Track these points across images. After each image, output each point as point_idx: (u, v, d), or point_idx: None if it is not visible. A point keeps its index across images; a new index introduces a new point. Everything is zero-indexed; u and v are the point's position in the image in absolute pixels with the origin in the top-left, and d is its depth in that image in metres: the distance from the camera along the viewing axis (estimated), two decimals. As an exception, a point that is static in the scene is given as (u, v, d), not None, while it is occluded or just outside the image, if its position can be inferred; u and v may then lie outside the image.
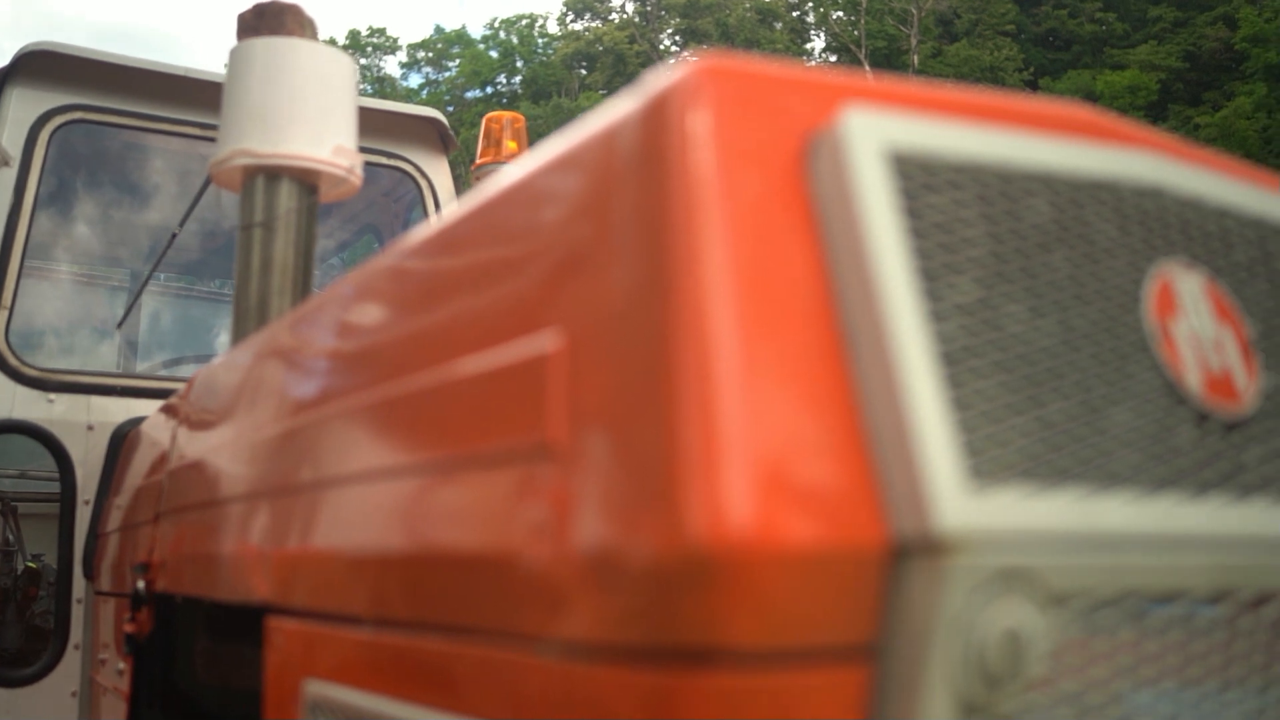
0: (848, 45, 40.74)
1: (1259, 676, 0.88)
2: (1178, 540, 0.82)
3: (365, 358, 1.29)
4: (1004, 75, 39.39)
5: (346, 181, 2.34)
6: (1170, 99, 36.52)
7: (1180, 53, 37.75)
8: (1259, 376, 0.93)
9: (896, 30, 40.35)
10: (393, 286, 1.27)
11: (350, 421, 1.25)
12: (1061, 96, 28.65)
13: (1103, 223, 0.91)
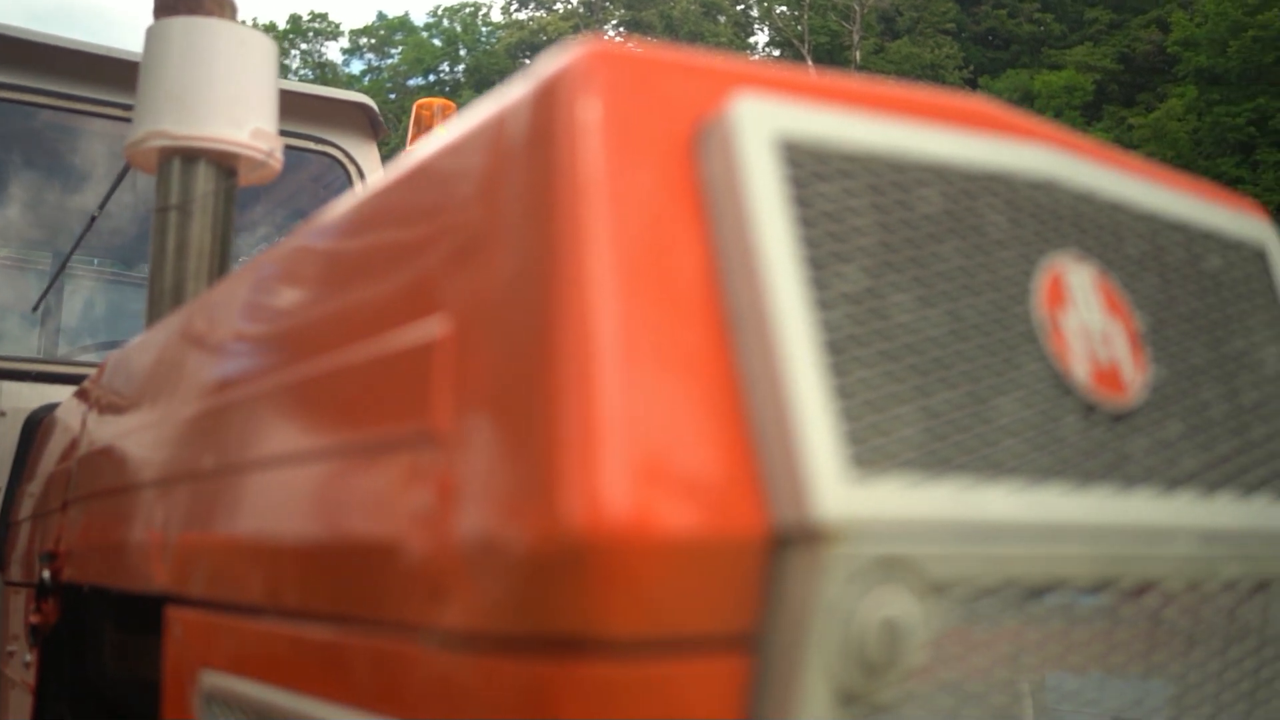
0: (791, 40, 40.92)
1: (1140, 665, 0.89)
2: (1061, 530, 0.83)
3: (265, 343, 1.27)
4: (944, 73, 39.80)
5: (266, 165, 2.30)
6: (1105, 99, 37.11)
7: (1115, 54, 38.37)
8: (1147, 369, 0.94)
9: (839, 26, 40.59)
10: (294, 272, 1.25)
11: (248, 408, 1.22)
12: (1000, 95, 29.05)
13: (995, 214, 0.91)
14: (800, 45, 39.85)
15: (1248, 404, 1.01)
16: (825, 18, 40.75)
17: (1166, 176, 1.08)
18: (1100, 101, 36.84)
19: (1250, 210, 1.14)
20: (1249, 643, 0.96)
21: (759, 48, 45.04)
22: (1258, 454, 0.99)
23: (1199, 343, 1.00)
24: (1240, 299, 1.06)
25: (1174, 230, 1.03)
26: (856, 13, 39.12)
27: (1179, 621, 0.91)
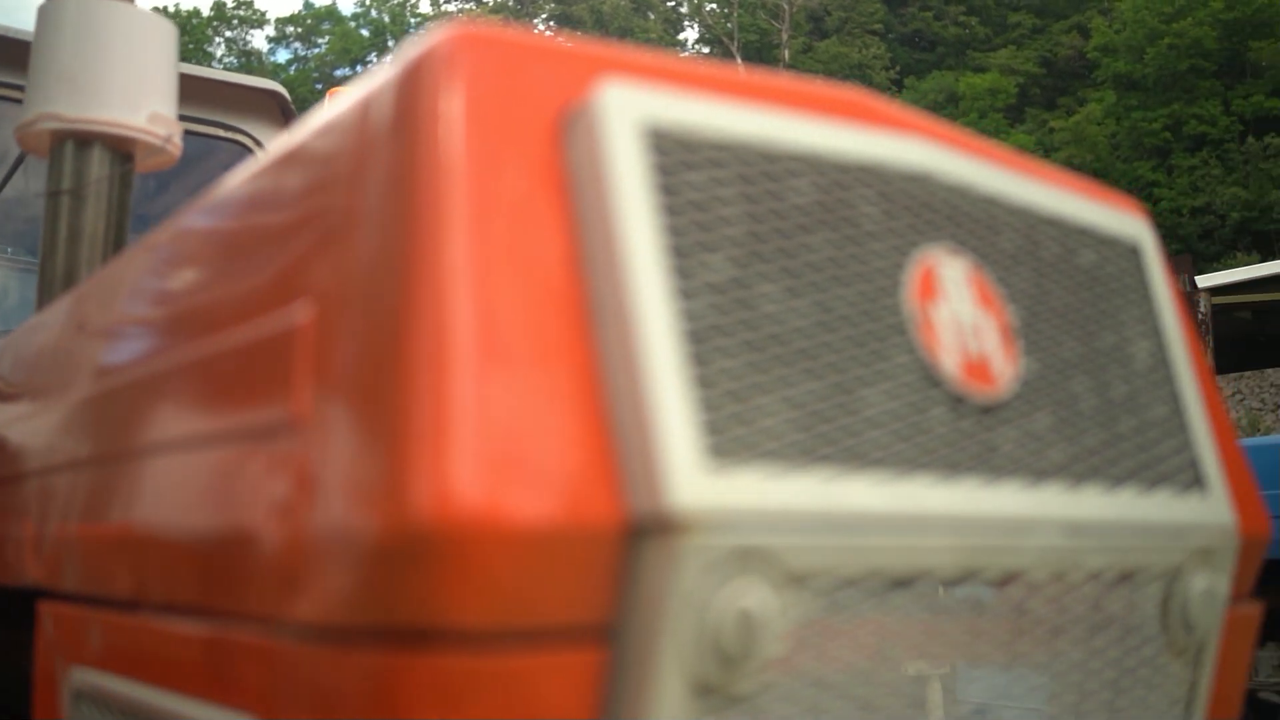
0: (720, 38, 41.06)
1: (1003, 655, 0.89)
2: (925, 521, 0.83)
3: (141, 330, 1.24)
4: (871, 73, 40.18)
5: (164, 151, 2.25)
6: (1028, 102, 37.75)
7: (1037, 58, 39.04)
8: (1018, 362, 0.95)
9: (768, 25, 40.81)
10: (172, 257, 1.22)
11: (122, 396, 1.19)
12: (926, 96, 29.33)
13: (868, 206, 0.91)
14: (730, 43, 40.01)
15: (1117, 397, 1.03)
16: (755, 16, 40.96)
17: (1044, 172, 1.09)
18: (1023, 104, 37.46)
19: (1127, 207, 1.15)
20: (1112, 632, 0.97)
21: (689, 44, 45.15)
22: (1125, 447, 1.01)
23: (1071, 337, 1.01)
24: (1113, 294, 1.07)
25: (1049, 225, 1.04)
26: (785, 11, 39.36)
27: (1044, 612, 0.92)
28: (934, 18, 42.44)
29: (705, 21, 42.31)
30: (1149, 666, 1.01)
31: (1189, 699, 1.04)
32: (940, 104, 37.02)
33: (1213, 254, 29.42)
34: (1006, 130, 35.33)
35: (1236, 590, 1.07)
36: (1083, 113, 34.14)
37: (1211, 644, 1.05)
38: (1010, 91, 36.69)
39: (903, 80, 39.81)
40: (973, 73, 37.42)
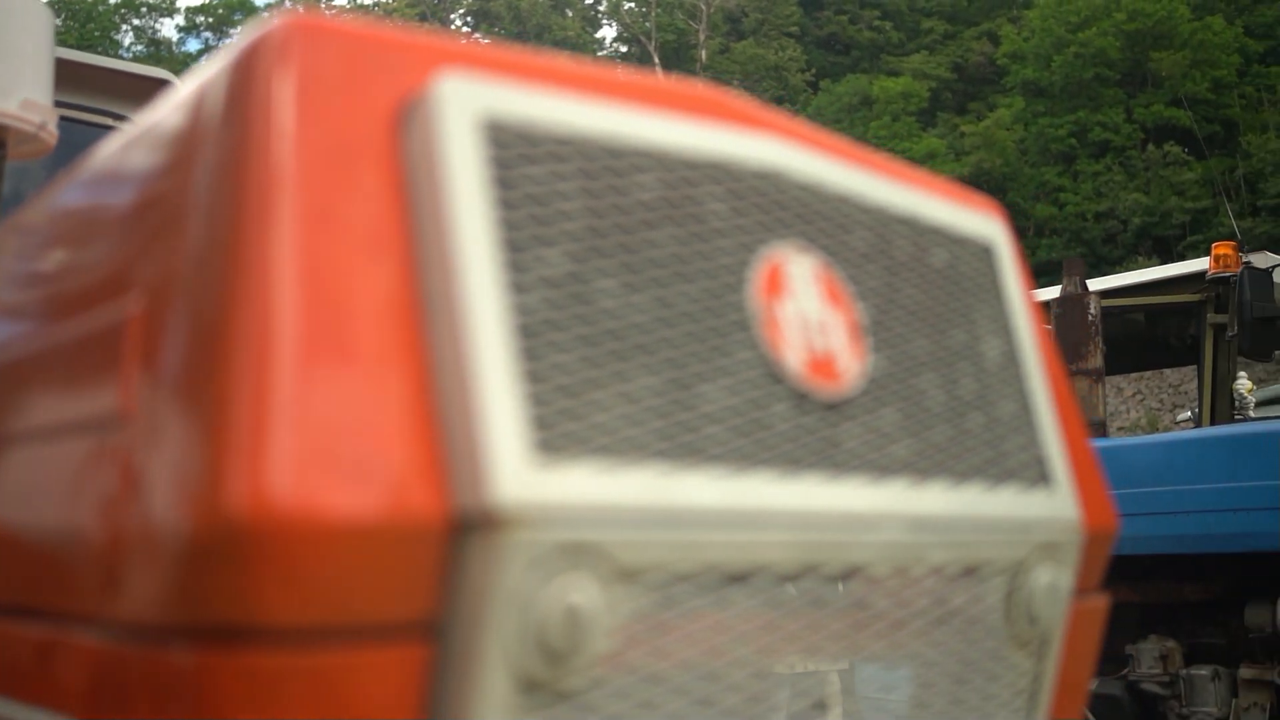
0: (638, 37, 41.11)
1: (843, 649, 0.90)
2: (763, 516, 0.83)
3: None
4: (788, 75, 40.53)
5: (37, 139, 2.18)
6: (939, 107, 38.34)
7: (949, 64, 39.67)
8: (865, 359, 0.96)
9: (686, 25, 40.95)
10: (22, 247, 1.18)
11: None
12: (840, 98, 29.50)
13: (716, 203, 0.91)
14: (647, 42, 40.07)
15: (966, 395, 1.04)
16: (672, 16, 41.06)
17: (901, 172, 1.10)
18: (934, 108, 38.04)
19: (984, 208, 1.17)
20: (956, 625, 0.98)
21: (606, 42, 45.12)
22: (972, 443, 1.02)
23: (920, 335, 1.02)
24: (965, 293, 1.09)
25: (902, 224, 1.05)
26: (703, 12, 39.54)
27: (885, 606, 0.93)
28: (849, 22, 42.93)
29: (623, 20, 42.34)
30: (993, 658, 1.03)
31: (1032, 690, 1.06)
32: (854, 106, 37.45)
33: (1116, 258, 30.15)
34: (918, 134, 35.86)
35: (1082, 584, 1.10)
36: (992, 118, 34.76)
37: (1056, 636, 1.07)
38: (922, 96, 37.23)
39: (818, 82, 40.20)
40: (886, 76, 37.91)
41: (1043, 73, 35.24)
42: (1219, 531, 3.49)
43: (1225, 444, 3.63)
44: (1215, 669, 3.58)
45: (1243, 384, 6.03)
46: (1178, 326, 6.81)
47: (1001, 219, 1.19)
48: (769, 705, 0.85)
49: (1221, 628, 3.71)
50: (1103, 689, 3.77)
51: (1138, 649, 3.74)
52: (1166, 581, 3.76)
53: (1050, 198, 33.88)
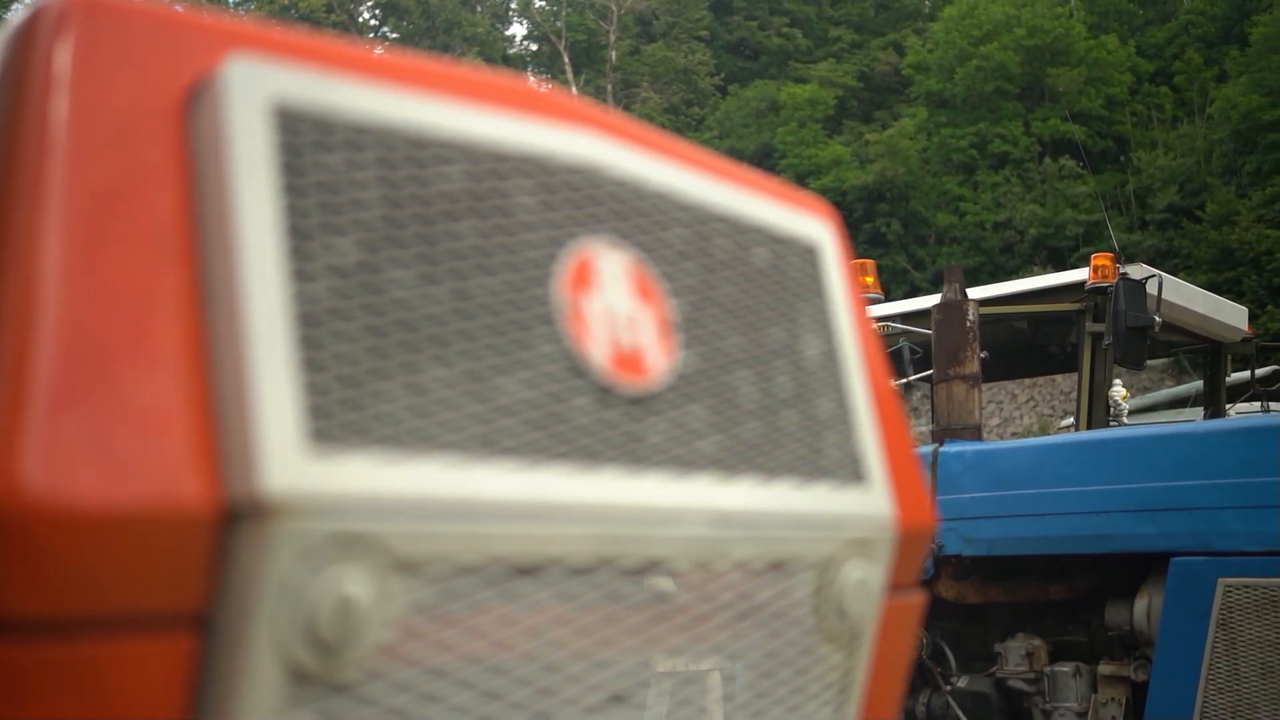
0: (548, 35, 41.02)
1: (639, 642, 0.91)
2: (556, 509, 0.84)
3: None
4: (697, 78, 40.78)
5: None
6: (845, 114, 38.89)
7: (856, 72, 40.26)
8: (675, 355, 0.97)
9: (597, 26, 40.97)
10: None
11: None
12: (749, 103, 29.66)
13: (525, 196, 0.91)
14: (557, 41, 40.01)
15: (782, 393, 1.06)
16: (583, 15, 41.05)
17: (727, 171, 1.11)
18: (840, 116, 38.57)
19: (811, 208, 1.19)
20: (762, 619, 1.00)
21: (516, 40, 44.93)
22: (785, 440, 1.04)
23: (736, 332, 1.03)
24: (786, 291, 1.10)
25: (722, 222, 1.06)
26: (614, 13, 39.59)
27: (687, 600, 0.93)
28: (759, 28, 43.32)
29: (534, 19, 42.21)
30: (802, 653, 1.04)
31: (843, 684, 1.08)
32: (762, 112, 37.79)
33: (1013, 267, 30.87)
34: (824, 140, 36.31)
35: (896, 580, 1.12)
36: (896, 127, 35.36)
37: (867, 632, 1.09)
38: (829, 103, 37.73)
39: (727, 87, 40.49)
40: (794, 83, 38.33)
41: (946, 84, 35.97)
42: (1081, 533, 3.59)
43: (1086, 449, 3.73)
44: (1077, 666, 3.68)
45: (1117, 391, 6.21)
46: (1060, 334, 7.01)
47: (831, 220, 1.21)
48: (561, 699, 0.85)
49: (1084, 626, 3.82)
50: (972, 686, 3.86)
51: (1005, 647, 3.83)
52: (1034, 582, 3.85)
53: (951, 207, 34.58)
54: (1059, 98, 35.14)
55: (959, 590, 3.97)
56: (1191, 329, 7.10)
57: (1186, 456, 3.49)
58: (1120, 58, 35.79)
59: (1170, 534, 3.47)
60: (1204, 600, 3.37)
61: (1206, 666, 3.34)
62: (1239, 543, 3.34)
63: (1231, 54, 33.22)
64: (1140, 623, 3.55)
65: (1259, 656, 3.26)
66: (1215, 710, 3.31)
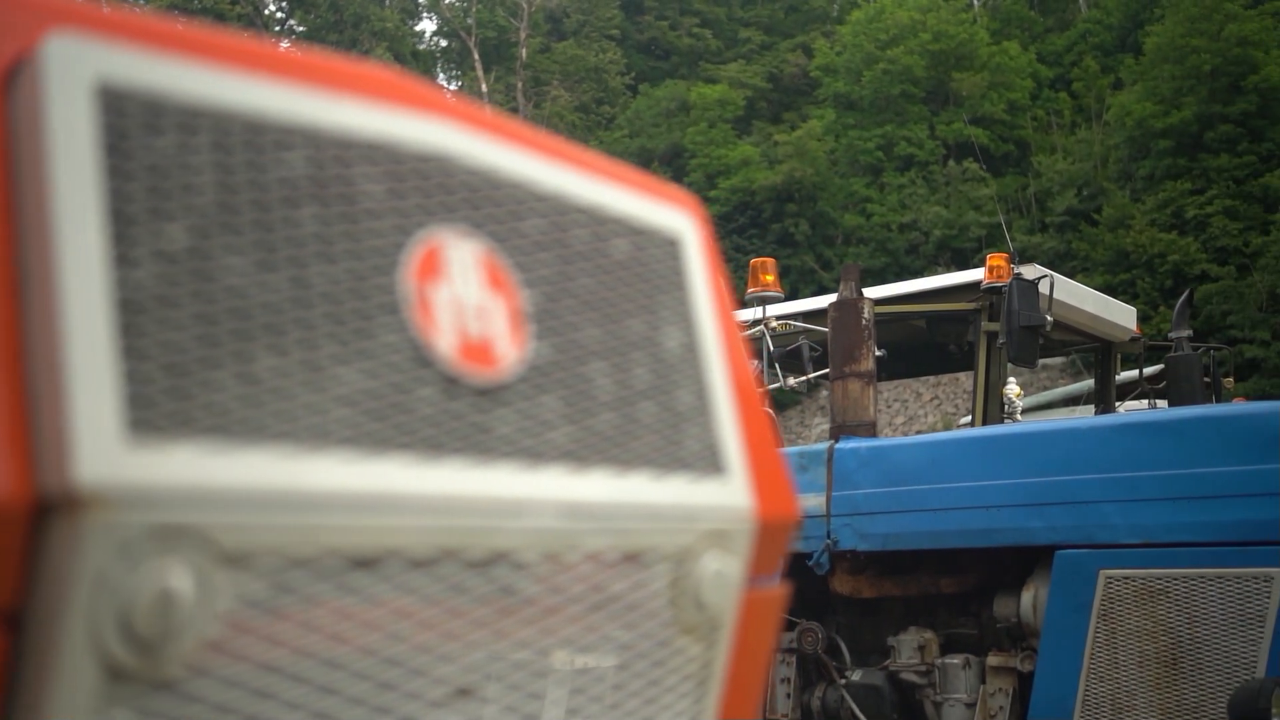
0: (458, 31, 40.71)
1: (486, 635, 0.90)
2: (395, 501, 0.82)
3: None
4: (608, 77, 40.79)
5: None
6: (754, 115, 39.21)
7: (765, 74, 40.62)
8: (527, 346, 0.96)
9: (507, 23, 40.76)
10: None
11: None
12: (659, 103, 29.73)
13: (371, 184, 0.90)
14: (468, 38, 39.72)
15: (640, 384, 1.05)
16: (493, 12, 40.81)
17: (589, 162, 1.11)
18: (750, 117, 38.89)
19: (676, 201, 1.19)
20: (616, 611, 0.99)
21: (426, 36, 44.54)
22: (641, 432, 1.03)
23: (593, 324, 1.03)
24: (646, 283, 1.10)
25: (581, 213, 1.06)
26: (524, 10, 39.42)
27: (536, 591, 0.93)
28: (669, 27, 43.49)
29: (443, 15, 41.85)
30: (659, 644, 1.04)
31: (703, 676, 1.08)
32: (672, 111, 37.93)
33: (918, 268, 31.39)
34: (734, 141, 36.55)
35: (755, 572, 1.12)
36: (805, 128, 35.73)
37: (726, 623, 1.09)
38: (739, 104, 38.00)
39: (637, 86, 40.57)
40: (704, 83, 38.55)
41: (853, 87, 36.46)
42: (971, 527, 3.66)
43: (976, 445, 3.81)
44: (966, 658, 3.75)
45: (1012, 389, 6.36)
46: (957, 333, 7.14)
47: (695, 212, 1.21)
48: (403, 693, 0.84)
49: (974, 619, 3.89)
50: (866, 680, 3.91)
51: (898, 640, 3.88)
52: (926, 576, 3.92)
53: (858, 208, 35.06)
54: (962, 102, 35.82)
55: (854, 585, 4.02)
56: (1082, 328, 7.28)
57: (1070, 452, 3.57)
58: (1021, 64, 36.59)
59: (1055, 527, 3.54)
60: (1086, 592, 3.45)
61: (1088, 656, 3.43)
62: (1119, 535, 3.43)
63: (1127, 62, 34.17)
64: (1027, 614, 3.63)
65: (1137, 645, 3.35)
66: (1095, 698, 3.39)
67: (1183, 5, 30.56)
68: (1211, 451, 3.33)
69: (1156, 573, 3.35)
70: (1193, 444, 3.37)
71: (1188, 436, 3.39)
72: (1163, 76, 30.53)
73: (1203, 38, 29.61)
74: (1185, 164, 30.06)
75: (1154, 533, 3.36)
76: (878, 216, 34.74)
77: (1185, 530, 3.32)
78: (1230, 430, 3.33)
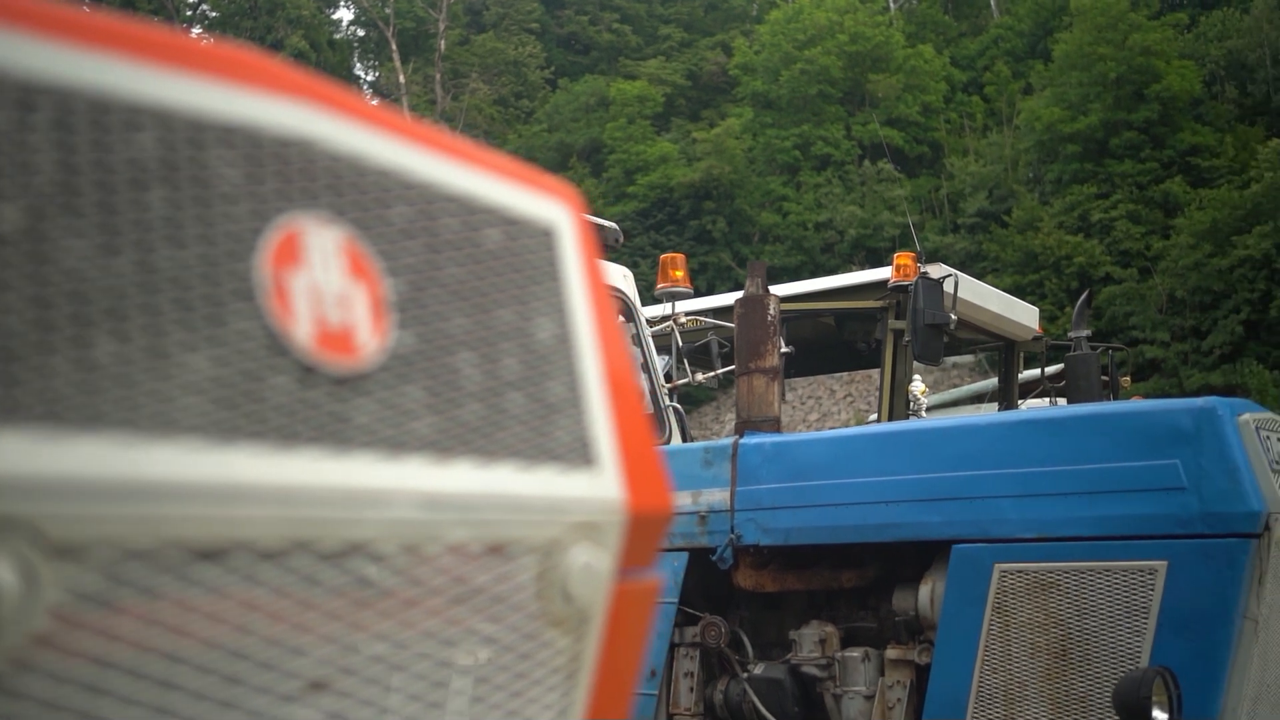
0: (376, 21, 40.24)
1: (341, 629, 0.88)
2: (242, 491, 0.80)
3: None
4: (527, 70, 40.63)
5: None
6: (673, 112, 39.34)
7: (684, 71, 40.78)
8: (390, 335, 0.95)
9: (426, 13, 40.39)
10: None
11: None
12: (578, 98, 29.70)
13: (227, 168, 0.88)
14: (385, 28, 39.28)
15: (509, 375, 1.04)
16: (412, 2, 40.43)
17: (461, 150, 1.10)
18: (669, 113, 39.01)
19: (552, 191, 1.18)
20: (480, 603, 0.98)
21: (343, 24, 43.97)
22: (509, 423, 1.03)
23: (460, 314, 1.02)
24: (518, 274, 1.09)
25: (450, 202, 1.05)
26: (443, 1, 39.08)
27: (394, 584, 0.91)
28: (589, 22, 43.46)
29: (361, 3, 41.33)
30: (526, 637, 1.03)
31: (572, 669, 1.08)
32: (591, 106, 37.90)
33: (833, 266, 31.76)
34: (653, 137, 36.63)
35: (627, 564, 1.12)
36: (723, 126, 35.94)
37: (596, 616, 1.09)
38: (658, 100, 38.10)
39: (557, 80, 40.48)
40: (624, 79, 38.58)
41: (771, 86, 36.77)
42: (871, 522, 3.71)
43: (877, 441, 3.85)
44: (866, 651, 3.79)
45: (917, 386, 6.47)
46: (866, 331, 7.25)
47: (572, 203, 1.20)
48: (252, 687, 0.82)
49: (873, 612, 3.94)
50: (767, 673, 3.94)
51: (799, 634, 3.91)
52: (828, 570, 3.95)
53: (775, 206, 35.37)
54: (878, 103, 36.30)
55: (757, 579, 4.05)
56: (987, 327, 7.44)
57: (967, 448, 3.63)
58: (936, 67, 37.20)
59: (952, 522, 3.60)
60: (981, 585, 3.51)
61: (982, 648, 3.49)
62: (1014, 530, 3.50)
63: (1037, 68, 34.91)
64: (925, 608, 3.68)
65: (1029, 637, 3.42)
66: (989, 689, 3.46)
67: (1090, 14, 31.31)
68: (1102, 448, 3.41)
69: (1048, 566, 3.42)
70: (1084, 441, 3.44)
71: (1079, 433, 3.47)
72: (1070, 83, 31.27)
73: (1109, 46, 30.37)
74: (1091, 168, 30.82)
75: (1047, 527, 3.43)
76: (794, 215, 35.07)
77: (1076, 525, 3.40)
78: (1119, 427, 3.41)
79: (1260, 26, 31.15)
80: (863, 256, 32.87)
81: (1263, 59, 31.09)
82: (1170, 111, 30.23)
